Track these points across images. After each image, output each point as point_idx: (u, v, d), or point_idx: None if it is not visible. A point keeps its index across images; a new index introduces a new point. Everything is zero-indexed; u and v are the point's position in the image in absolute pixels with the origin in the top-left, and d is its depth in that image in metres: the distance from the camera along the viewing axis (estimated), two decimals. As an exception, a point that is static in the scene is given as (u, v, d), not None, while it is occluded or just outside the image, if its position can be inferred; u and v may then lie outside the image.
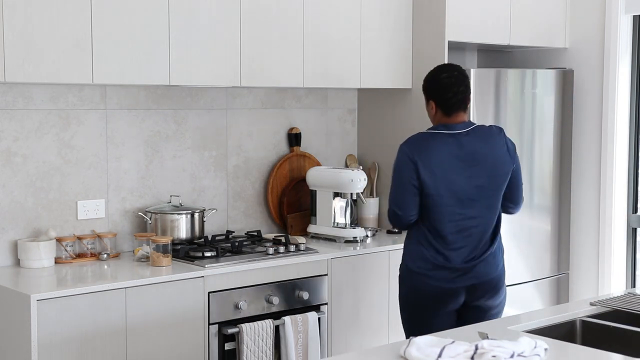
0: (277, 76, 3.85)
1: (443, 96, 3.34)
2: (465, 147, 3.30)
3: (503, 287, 3.41)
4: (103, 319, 3.14)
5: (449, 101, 3.33)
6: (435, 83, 3.38)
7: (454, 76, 3.36)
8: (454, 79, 3.35)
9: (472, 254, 3.31)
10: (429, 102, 3.40)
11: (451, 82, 3.34)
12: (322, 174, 4.17)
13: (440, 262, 3.29)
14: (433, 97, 3.38)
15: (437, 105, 3.36)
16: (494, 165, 3.32)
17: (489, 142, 3.35)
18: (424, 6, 4.27)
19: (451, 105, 3.34)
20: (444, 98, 3.34)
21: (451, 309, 3.33)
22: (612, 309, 2.84)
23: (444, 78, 3.36)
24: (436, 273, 3.30)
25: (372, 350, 2.47)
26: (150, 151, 3.87)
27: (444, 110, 3.35)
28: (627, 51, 4.59)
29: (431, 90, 3.39)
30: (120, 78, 3.39)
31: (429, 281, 3.30)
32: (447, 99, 3.33)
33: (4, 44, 3.07)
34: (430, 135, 3.34)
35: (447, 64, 3.50)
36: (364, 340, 3.93)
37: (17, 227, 3.52)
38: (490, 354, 2.15)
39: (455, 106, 3.34)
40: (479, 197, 3.30)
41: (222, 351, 3.46)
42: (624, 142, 4.62)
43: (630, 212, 4.67)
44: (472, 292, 3.32)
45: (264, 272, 3.59)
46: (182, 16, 3.51)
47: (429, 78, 3.42)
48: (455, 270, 3.29)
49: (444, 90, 3.34)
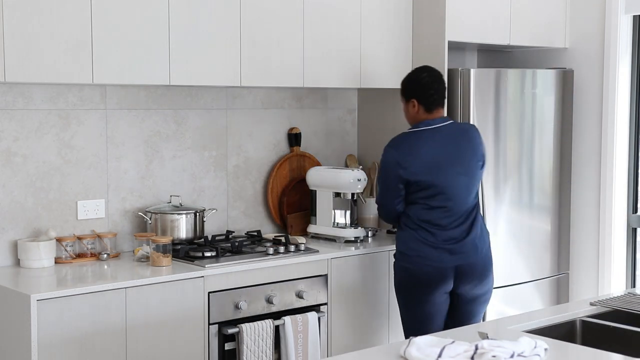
0: (277, 76, 3.85)
1: (425, 93, 3.66)
2: (447, 138, 3.63)
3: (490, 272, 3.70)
4: (103, 319, 3.14)
5: (431, 97, 3.66)
6: (416, 82, 3.70)
7: (433, 75, 3.71)
8: (434, 77, 3.70)
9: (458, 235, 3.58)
10: (410, 101, 3.69)
11: (431, 81, 3.69)
12: (322, 174, 4.17)
13: (430, 242, 3.56)
14: (415, 95, 3.68)
15: (420, 103, 3.67)
16: (473, 154, 3.66)
17: (467, 133, 3.71)
18: (424, 6, 4.27)
19: (433, 101, 3.67)
20: (427, 95, 3.66)
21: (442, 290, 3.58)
22: (612, 309, 2.84)
23: (425, 77, 3.69)
24: (427, 253, 3.56)
25: (372, 350, 2.47)
26: (150, 151, 3.87)
27: (427, 107, 3.67)
28: (627, 51, 4.59)
29: (413, 89, 3.69)
30: (120, 78, 3.39)
31: (421, 261, 3.56)
32: (429, 96, 3.66)
33: (4, 44, 3.07)
34: (414, 134, 3.65)
35: (424, 65, 3.81)
36: (364, 340, 3.93)
37: (17, 227, 3.52)
38: (490, 354, 2.15)
39: (436, 102, 3.68)
40: (462, 183, 3.60)
41: (222, 351, 3.46)
42: (624, 142, 4.62)
43: (630, 212, 4.67)
44: (460, 273, 3.58)
45: (264, 272, 3.59)
46: (182, 16, 3.51)
47: (410, 79, 3.74)
48: (444, 250, 3.56)
49: (426, 87, 3.66)
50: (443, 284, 3.56)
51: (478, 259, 3.61)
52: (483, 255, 3.64)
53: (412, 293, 3.62)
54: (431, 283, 3.56)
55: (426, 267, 3.55)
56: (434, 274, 3.55)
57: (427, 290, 3.57)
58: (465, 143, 3.66)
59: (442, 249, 3.56)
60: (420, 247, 3.57)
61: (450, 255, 3.56)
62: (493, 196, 4.27)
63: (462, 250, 3.57)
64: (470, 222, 3.62)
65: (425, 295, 3.57)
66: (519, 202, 4.44)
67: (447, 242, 3.57)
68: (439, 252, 3.56)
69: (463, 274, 3.58)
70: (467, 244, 3.58)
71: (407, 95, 3.71)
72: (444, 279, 3.55)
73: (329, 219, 4.13)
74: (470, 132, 3.73)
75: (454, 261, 3.56)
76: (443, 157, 3.58)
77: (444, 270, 3.55)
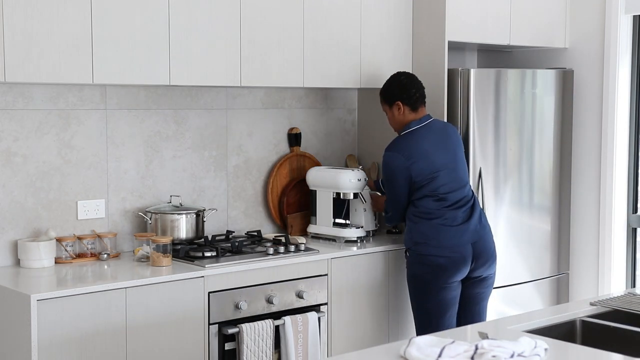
0: (277, 76, 3.85)
1: (408, 93, 3.84)
2: (437, 132, 3.86)
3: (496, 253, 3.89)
4: (103, 319, 3.14)
5: (414, 96, 3.85)
6: (397, 86, 3.87)
7: (409, 76, 3.91)
8: (411, 79, 3.90)
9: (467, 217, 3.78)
10: (395, 104, 3.86)
11: (410, 81, 3.89)
12: (322, 174, 4.17)
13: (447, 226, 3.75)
14: (399, 98, 3.85)
15: (404, 104, 3.85)
16: (458, 143, 3.90)
17: (449, 126, 3.96)
18: (424, 6, 4.27)
19: (416, 99, 3.86)
20: (409, 95, 3.84)
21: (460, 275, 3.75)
22: (612, 309, 2.84)
23: (403, 79, 3.89)
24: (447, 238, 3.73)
25: (372, 350, 2.47)
26: (150, 151, 3.87)
27: (412, 107, 3.86)
28: (627, 51, 4.59)
29: (395, 93, 3.87)
30: (120, 78, 3.39)
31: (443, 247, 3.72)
32: (412, 95, 3.85)
33: (4, 44, 3.07)
34: (410, 135, 3.83)
35: (397, 71, 3.98)
36: (364, 340, 3.93)
37: (17, 227, 3.52)
38: (490, 354, 2.15)
39: (419, 100, 3.87)
40: (458, 169, 3.83)
41: (222, 351, 3.46)
42: (624, 142, 4.62)
43: (630, 212, 4.67)
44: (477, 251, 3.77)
45: (264, 272, 3.59)
46: (182, 16, 3.51)
47: (390, 84, 3.91)
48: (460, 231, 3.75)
49: (407, 88, 3.85)
50: (463, 266, 3.73)
51: (489, 236, 3.84)
52: (490, 233, 3.87)
53: (431, 282, 3.74)
54: (452, 267, 3.72)
55: (449, 253, 3.71)
56: (456, 258, 3.71)
57: (448, 275, 3.72)
58: (452, 134, 3.91)
59: (459, 230, 3.74)
60: (439, 234, 3.73)
61: (465, 234, 3.75)
62: (493, 196, 4.27)
63: (474, 229, 3.78)
64: (471, 205, 3.83)
65: (444, 281, 3.72)
66: (519, 202, 4.44)
67: (460, 224, 3.75)
68: (455, 234, 3.73)
69: (480, 252, 3.77)
70: (475, 223, 3.79)
71: (391, 100, 3.88)
72: (464, 260, 3.72)
73: (329, 219, 4.13)
74: (450, 126, 3.98)
75: (470, 239, 3.75)
76: (439, 149, 3.80)
77: (464, 251, 3.72)
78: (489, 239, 3.84)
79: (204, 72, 3.61)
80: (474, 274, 3.79)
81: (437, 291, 3.74)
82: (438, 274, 3.73)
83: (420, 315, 3.82)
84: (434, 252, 3.73)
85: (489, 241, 3.84)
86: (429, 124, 3.86)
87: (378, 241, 4.12)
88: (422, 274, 3.77)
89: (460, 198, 3.80)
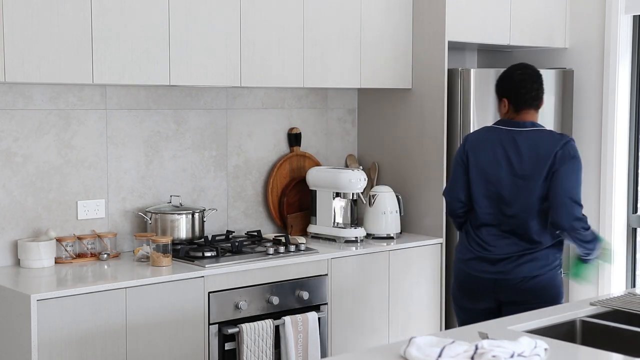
0: (277, 76, 3.85)
1: (515, 92, 3.37)
2: (516, 145, 3.31)
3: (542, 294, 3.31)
4: (103, 319, 3.14)
5: (521, 97, 3.35)
6: (508, 80, 3.41)
7: (527, 73, 3.40)
8: (527, 76, 3.39)
9: (507, 250, 3.31)
10: (502, 100, 3.42)
11: (524, 79, 3.38)
12: (322, 174, 4.17)
13: (477, 252, 3.35)
14: (505, 94, 3.40)
15: (510, 103, 3.38)
16: (535, 167, 3.27)
17: (542, 144, 3.29)
18: (424, 6, 4.27)
19: (523, 101, 3.36)
20: (518, 95, 3.36)
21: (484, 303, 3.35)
22: (612, 309, 2.84)
23: (518, 75, 3.40)
24: (473, 263, 3.35)
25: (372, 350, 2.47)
26: (150, 151, 3.87)
27: (515, 107, 3.37)
28: (627, 51, 4.58)
29: (504, 87, 3.42)
30: (120, 78, 3.39)
31: (467, 269, 3.37)
32: (521, 96, 3.36)
33: (4, 44, 3.07)
34: (488, 129, 3.43)
35: (521, 63, 3.52)
36: (364, 340, 3.93)
37: (17, 227, 3.52)
38: (490, 354, 2.15)
39: (526, 103, 3.36)
40: (515, 196, 3.30)
41: (222, 351, 3.46)
42: (624, 142, 4.62)
43: (630, 212, 4.67)
44: (502, 289, 3.31)
45: (264, 272, 3.59)
46: (182, 16, 3.51)
47: (502, 76, 3.46)
48: (489, 261, 3.32)
49: (516, 86, 3.37)
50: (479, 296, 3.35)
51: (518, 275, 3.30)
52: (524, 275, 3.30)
53: (453, 296, 3.50)
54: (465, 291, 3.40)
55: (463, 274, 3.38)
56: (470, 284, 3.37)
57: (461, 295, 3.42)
58: (534, 155, 3.28)
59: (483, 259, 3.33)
60: (464, 254, 3.39)
61: (489, 266, 3.32)
62: (493, 196, 4.27)
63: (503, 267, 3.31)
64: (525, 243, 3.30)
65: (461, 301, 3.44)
66: (519, 202, 4.43)
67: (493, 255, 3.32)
68: (478, 262, 3.34)
69: (502, 290, 3.31)
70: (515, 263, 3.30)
71: (500, 94, 3.43)
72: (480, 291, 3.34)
73: (329, 219, 4.13)
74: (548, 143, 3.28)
75: (493, 274, 3.32)
76: (501, 162, 3.31)
77: (480, 281, 3.33)
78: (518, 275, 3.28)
79: (204, 72, 3.61)
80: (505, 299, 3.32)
81: (458, 308, 3.46)
82: (456, 290, 3.47)
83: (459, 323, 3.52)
84: (456, 269, 3.47)
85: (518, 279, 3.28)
86: (514, 132, 3.32)
87: (378, 241, 4.12)
88: (453, 284, 3.51)
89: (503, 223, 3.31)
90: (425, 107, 4.26)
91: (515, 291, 3.29)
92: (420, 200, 4.31)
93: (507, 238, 3.32)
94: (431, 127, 4.23)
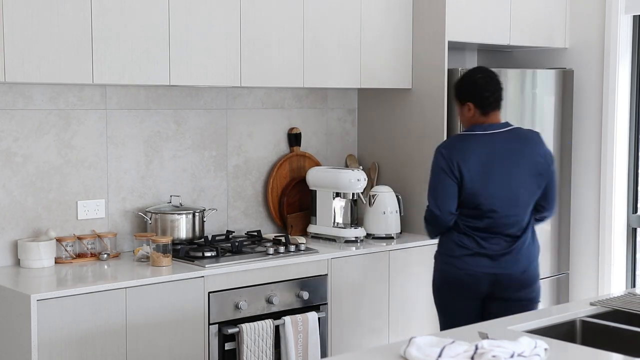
0: (277, 76, 3.85)
1: (480, 95, 3.45)
2: (501, 147, 3.41)
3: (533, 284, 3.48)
4: (103, 319, 3.14)
5: (487, 100, 3.44)
6: (471, 85, 3.49)
7: (489, 76, 3.50)
8: (489, 79, 3.49)
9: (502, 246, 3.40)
10: (466, 104, 3.48)
11: (487, 82, 3.47)
12: (322, 174, 4.18)
13: (474, 249, 3.41)
14: (470, 98, 3.47)
15: (476, 106, 3.46)
16: (528, 166, 3.41)
17: (526, 143, 3.45)
18: (424, 6, 4.27)
19: (489, 104, 3.45)
20: (482, 97, 3.44)
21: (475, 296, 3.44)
22: (612, 309, 2.84)
23: (480, 78, 3.48)
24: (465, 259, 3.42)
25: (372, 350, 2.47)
26: (150, 151, 3.88)
27: (482, 110, 3.45)
28: (627, 51, 4.59)
29: (468, 91, 3.49)
30: (120, 78, 3.39)
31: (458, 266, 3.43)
32: (485, 98, 3.44)
33: (4, 44, 3.07)
34: (466, 137, 3.47)
35: (478, 67, 3.63)
36: (364, 340, 3.93)
37: (17, 227, 3.52)
38: (490, 354, 2.15)
39: (492, 105, 3.46)
40: (513, 195, 3.39)
41: (222, 351, 3.46)
42: (624, 142, 4.62)
43: (630, 212, 4.67)
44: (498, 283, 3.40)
45: (264, 272, 3.59)
46: (182, 16, 3.51)
47: (465, 80, 3.55)
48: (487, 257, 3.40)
49: (481, 89, 3.45)
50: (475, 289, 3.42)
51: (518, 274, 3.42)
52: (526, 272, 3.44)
53: (442, 293, 3.53)
54: (462, 287, 3.43)
55: (460, 273, 3.42)
56: (467, 280, 3.41)
57: (456, 291, 3.46)
58: (520, 153, 3.42)
59: (482, 256, 3.40)
60: (459, 252, 3.43)
61: (489, 262, 3.40)
62: (493, 196, 4.27)
63: (502, 262, 3.40)
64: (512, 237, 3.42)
65: (454, 297, 3.48)
66: (519, 202, 4.43)
67: (487, 251, 3.40)
68: (476, 258, 3.40)
69: (499, 285, 3.41)
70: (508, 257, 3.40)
71: (462, 99, 3.51)
72: (477, 285, 3.41)
73: (329, 219, 4.13)
74: (530, 140, 3.48)
75: (492, 269, 3.39)
76: (492, 166, 3.38)
77: (478, 277, 3.40)
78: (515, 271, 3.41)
79: (204, 72, 3.61)
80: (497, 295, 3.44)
81: (449, 303, 3.51)
82: (449, 287, 3.49)
83: (441, 323, 3.59)
84: (445, 268, 3.48)
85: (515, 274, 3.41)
86: (495, 134, 3.43)
87: (378, 241, 4.12)
88: (437, 283, 3.54)
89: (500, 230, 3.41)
90: (425, 107, 4.26)
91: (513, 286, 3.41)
92: (420, 200, 4.30)
93: (503, 235, 3.41)
94: (431, 127, 4.23)
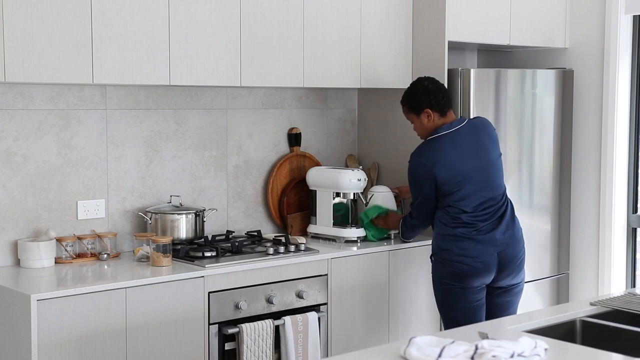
0: (277, 76, 3.85)
1: (436, 98, 3.74)
2: (468, 138, 3.73)
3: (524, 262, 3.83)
4: (103, 319, 3.14)
5: (442, 101, 3.75)
6: (424, 93, 3.76)
7: (434, 82, 3.80)
8: (436, 83, 3.79)
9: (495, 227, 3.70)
10: (424, 112, 3.75)
11: (435, 87, 3.78)
12: (322, 174, 4.17)
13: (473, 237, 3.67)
14: (427, 104, 3.74)
15: (434, 110, 3.74)
16: (492, 147, 3.78)
17: (485, 129, 3.81)
18: (424, 6, 4.27)
19: (444, 104, 3.76)
20: (437, 100, 3.74)
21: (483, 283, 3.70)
22: (612, 309, 2.84)
23: (428, 85, 3.78)
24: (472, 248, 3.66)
25: (372, 350, 2.47)
26: (150, 151, 3.88)
27: (441, 112, 3.76)
28: (627, 51, 4.59)
29: (422, 100, 3.75)
30: (120, 78, 3.39)
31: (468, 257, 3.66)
32: (440, 100, 3.75)
33: (4, 44, 3.07)
34: (437, 139, 3.73)
35: (419, 77, 3.87)
36: (364, 340, 3.93)
37: (17, 227, 3.52)
38: (490, 354, 2.15)
39: (447, 104, 3.78)
40: (489, 177, 3.73)
41: (222, 351, 3.46)
42: (624, 142, 4.62)
43: (630, 212, 4.67)
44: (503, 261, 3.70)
45: (264, 272, 3.59)
46: (182, 16, 3.51)
47: (414, 91, 3.79)
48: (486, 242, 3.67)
49: (433, 94, 3.74)
50: (487, 274, 3.67)
51: (517, 245, 3.75)
52: (521, 244, 3.78)
53: (454, 287, 3.69)
54: (475, 274, 3.66)
55: (473, 262, 3.65)
56: (479, 267, 3.65)
57: (469, 281, 3.66)
58: (485, 138, 3.77)
59: (484, 240, 3.66)
60: (463, 243, 3.66)
61: (491, 245, 3.66)
62: (493, 196, 4.27)
63: (501, 238, 3.69)
64: (501, 214, 3.73)
65: (466, 286, 3.67)
66: (519, 202, 4.43)
67: (486, 234, 3.67)
68: (479, 244, 3.66)
69: (505, 262, 3.69)
70: (502, 232, 3.70)
71: (418, 108, 3.76)
72: (488, 269, 3.66)
73: (329, 219, 4.13)
74: (486, 127, 3.82)
75: (496, 249, 3.67)
76: (468, 157, 3.69)
77: (489, 260, 3.66)
78: (516, 247, 3.75)
79: (204, 72, 3.61)
80: (498, 284, 3.73)
81: (461, 296, 3.68)
82: (461, 279, 3.67)
83: (447, 320, 3.75)
84: (457, 260, 3.66)
85: (516, 250, 3.75)
86: (457, 130, 3.73)
87: (378, 241, 4.11)
88: (445, 279, 3.70)
89: (489, 207, 3.70)
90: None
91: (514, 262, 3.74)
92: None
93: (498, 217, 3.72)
94: (431, 127, 4.23)
